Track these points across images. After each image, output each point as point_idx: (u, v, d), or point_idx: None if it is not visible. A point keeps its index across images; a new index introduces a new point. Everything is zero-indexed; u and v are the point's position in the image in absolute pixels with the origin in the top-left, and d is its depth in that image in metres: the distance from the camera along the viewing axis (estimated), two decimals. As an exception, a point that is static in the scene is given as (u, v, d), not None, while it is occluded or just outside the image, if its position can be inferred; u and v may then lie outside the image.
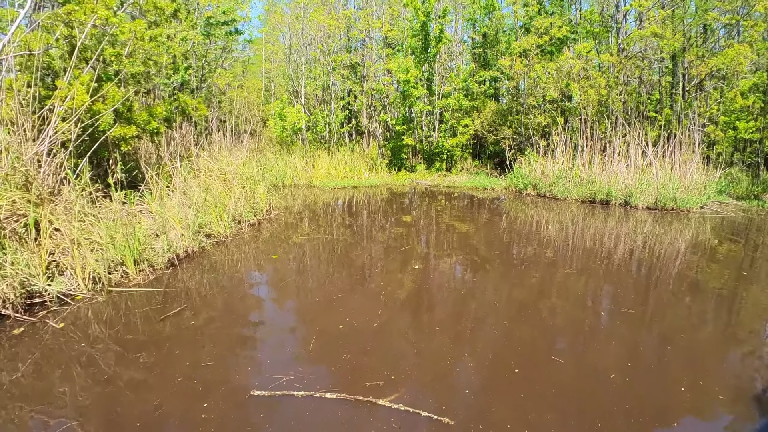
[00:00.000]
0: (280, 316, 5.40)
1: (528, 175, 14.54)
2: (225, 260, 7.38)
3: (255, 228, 9.40)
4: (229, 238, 8.48)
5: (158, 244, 7.32)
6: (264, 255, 7.68)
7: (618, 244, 8.56)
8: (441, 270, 7.05)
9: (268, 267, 7.16)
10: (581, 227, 10.01)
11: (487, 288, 6.23)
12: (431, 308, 5.55)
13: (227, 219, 8.81)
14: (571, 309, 5.54)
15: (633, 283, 6.48)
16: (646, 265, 7.31)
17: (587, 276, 6.74)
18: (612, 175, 13.13)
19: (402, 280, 6.47)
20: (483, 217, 10.98)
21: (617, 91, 16.54)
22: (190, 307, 5.50)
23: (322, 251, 8.01)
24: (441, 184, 16.40)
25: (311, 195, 14.21)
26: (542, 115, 16.74)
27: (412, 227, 9.85)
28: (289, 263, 7.35)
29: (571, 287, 6.28)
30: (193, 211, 8.29)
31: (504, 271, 7.02)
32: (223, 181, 10.28)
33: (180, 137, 11.70)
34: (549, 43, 17.07)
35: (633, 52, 17.14)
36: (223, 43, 20.28)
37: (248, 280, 6.54)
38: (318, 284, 6.38)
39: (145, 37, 10.42)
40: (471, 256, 7.79)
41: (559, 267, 7.13)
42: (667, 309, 5.61)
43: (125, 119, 9.83)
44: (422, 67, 17.96)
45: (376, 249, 8.14)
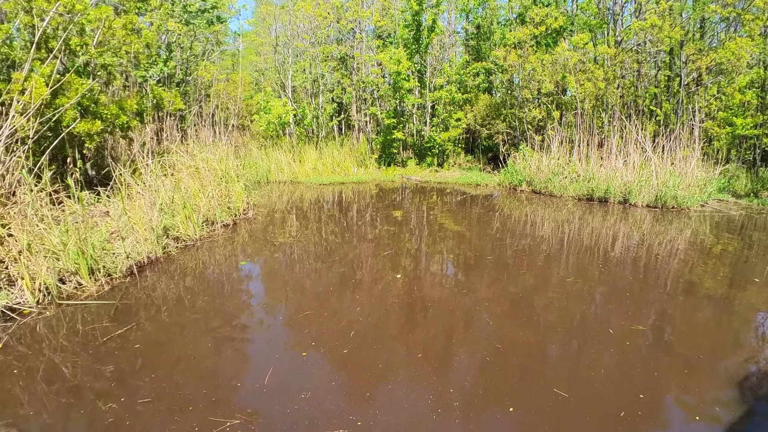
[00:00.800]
0: (236, 339, 4.76)
1: (522, 170, 13.93)
2: (188, 268, 6.74)
3: (229, 229, 8.75)
4: (198, 242, 7.84)
5: (119, 250, 6.70)
6: (232, 261, 7.03)
7: (620, 247, 7.98)
8: (426, 281, 6.42)
9: (232, 276, 6.50)
10: (579, 228, 9.41)
11: (478, 303, 5.62)
12: (412, 329, 4.93)
13: (198, 220, 8.16)
14: (575, 328, 4.93)
15: (640, 293, 5.88)
16: (653, 273, 6.71)
17: (590, 286, 6.12)
18: (610, 171, 12.53)
19: (381, 293, 5.84)
20: (475, 217, 10.37)
21: (615, 84, 15.93)
22: (138, 326, 4.87)
23: (297, 257, 7.38)
24: (432, 179, 15.77)
25: (295, 192, 13.55)
26: (537, 108, 16.12)
27: (399, 229, 9.22)
28: (257, 272, 6.71)
29: (573, 300, 5.67)
30: (159, 212, 7.64)
31: (498, 281, 6.41)
32: (199, 178, 9.64)
33: (152, 132, 11.02)
34: (545, 34, 16.43)
35: (631, 45, 16.53)
36: (212, 35, 19.63)
37: (207, 293, 5.88)
38: (286, 298, 5.74)
39: (113, 26, 9.73)
40: (461, 263, 7.19)
41: (558, 275, 6.53)
42: (682, 325, 5.02)
43: (91, 113, 9.16)
44: (414, 58, 17.29)
45: (357, 254, 7.51)
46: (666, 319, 5.19)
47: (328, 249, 7.80)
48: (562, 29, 17.11)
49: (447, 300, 5.64)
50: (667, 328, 4.96)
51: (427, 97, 17.61)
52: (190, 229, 7.83)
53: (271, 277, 6.51)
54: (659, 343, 4.60)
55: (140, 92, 11.74)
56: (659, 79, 18.08)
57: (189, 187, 9.03)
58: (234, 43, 31.58)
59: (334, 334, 4.66)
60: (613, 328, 4.85)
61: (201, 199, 8.59)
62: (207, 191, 8.79)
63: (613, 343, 4.54)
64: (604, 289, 6.03)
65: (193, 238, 7.82)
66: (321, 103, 19.55)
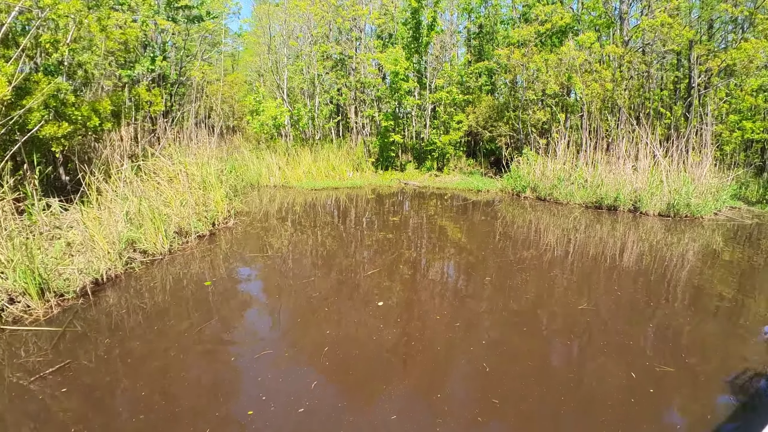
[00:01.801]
0: (181, 386, 4.04)
1: (526, 176, 13.17)
2: (148, 288, 6.01)
3: (204, 241, 8.02)
4: (167, 256, 7.11)
5: (74, 266, 5.99)
6: (197, 281, 6.29)
7: (636, 265, 7.22)
8: (415, 307, 5.70)
9: (195, 298, 5.75)
10: (589, 241, 8.64)
11: (479, 338, 4.89)
12: (388, 380, 4.21)
13: (169, 231, 7.45)
14: (594, 370, 4.20)
15: (667, 325, 5.13)
16: (680, 299, 5.97)
17: (606, 317, 5.36)
18: (620, 177, 11.79)
19: (357, 326, 5.09)
20: (475, 228, 9.63)
21: (623, 86, 15.20)
22: (76, 363, 4.16)
23: (271, 276, 6.63)
24: (431, 185, 15.03)
25: (283, 198, 12.82)
26: (542, 110, 15.37)
27: (391, 242, 8.48)
28: (223, 295, 5.91)
29: (588, 338, 4.93)
30: (125, 222, 6.94)
31: (498, 311, 5.67)
32: (176, 184, 8.95)
33: (133, 134, 10.32)
34: (550, 32, 15.69)
35: (641, 44, 15.81)
36: (209, 35, 19.02)
37: (162, 321, 5.13)
38: (247, 330, 4.99)
39: (83, 21, 9.04)
40: (456, 288, 6.47)
41: (569, 301, 5.77)
42: (720, 362, 4.28)
43: (58, 115, 8.46)
44: (413, 58, 16.55)
45: (341, 273, 6.79)
46: (699, 357, 4.44)
47: (310, 265, 7.07)
48: (568, 28, 16.37)
49: (436, 338, 4.88)
50: (701, 370, 4.22)
51: (426, 99, 16.87)
52: (159, 242, 7.11)
53: (236, 304, 5.72)
54: (694, 388, 3.86)
55: (116, 92, 11.03)
56: (665, 81, 17.35)
57: (165, 194, 8.34)
58: (232, 44, 31.04)
59: (290, 386, 3.92)
60: (637, 371, 4.11)
61: (174, 207, 7.87)
62: (181, 199, 8.08)
63: (637, 391, 3.80)
64: (623, 322, 5.28)
65: (161, 251, 7.10)
66: (317, 105, 18.85)
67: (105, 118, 9.40)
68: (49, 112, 8.34)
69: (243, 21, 31.29)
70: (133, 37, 10.21)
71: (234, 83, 22.49)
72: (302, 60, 18.76)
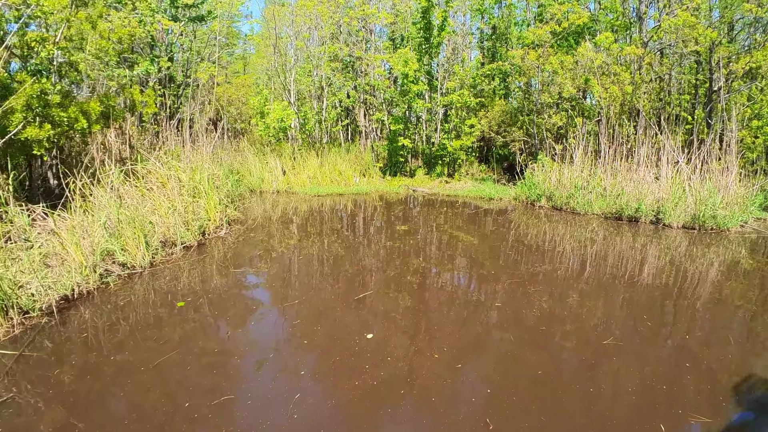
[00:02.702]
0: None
1: (541, 183, 12.46)
2: (118, 307, 5.45)
3: (191, 253, 7.45)
4: (147, 270, 6.55)
5: (45, 280, 5.45)
6: (172, 300, 5.71)
7: (667, 289, 6.53)
8: (404, 345, 5.09)
9: (164, 323, 5.15)
10: (611, 259, 7.92)
11: (488, 381, 4.28)
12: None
13: (153, 242, 6.90)
14: (620, 420, 3.57)
15: (702, 360, 4.47)
16: (719, 332, 5.29)
17: (633, 353, 4.66)
18: (641, 186, 11.08)
19: (338, 368, 4.49)
20: (487, 241, 8.99)
21: (644, 88, 14.49)
22: (20, 398, 3.61)
23: (253, 297, 6.03)
24: (441, 192, 14.37)
25: (284, 205, 12.24)
26: (557, 114, 14.68)
27: (394, 255, 7.86)
28: (193, 321, 5.27)
29: (620, 378, 4.28)
30: (103, 232, 6.41)
31: (512, 349, 5.04)
32: (166, 190, 8.42)
33: (122, 138, 9.82)
34: (566, 32, 15.00)
35: (659, 46, 15.10)
36: (217, 36, 18.59)
37: (121, 349, 4.55)
38: (206, 368, 4.30)
39: (70, 18, 8.56)
40: (464, 317, 5.83)
41: (595, 335, 5.10)
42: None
43: (41, 117, 7.97)
44: (423, 59, 15.94)
45: (333, 294, 6.18)
46: (741, 404, 3.78)
47: (299, 286, 6.46)
48: (585, 29, 15.69)
49: (431, 386, 4.25)
50: (747, 423, 3.56)
51: (437, 102, 16.24)
52: (139, 254, 6.56)
53: (208, 330, 5.10)
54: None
55: (106, 93, 10.53)
56: (683, 84, 16.59)
57: (154, 200, 7.80)
58: (243, 46, 30.67)
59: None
60: (666, 422, 3.47)
61: (158, 215, 7.33)
62: (168, 206, 7.54)
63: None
64: (654, 360, 4.62)
65: (141, 264, 6.54)
66: (325, 107, 18.30)
67: (94, 120, 8.92)
68: (30, 114, 7.87)
69: (250, 22, 30.81)
70: (127, 35, 9.69)
71: (242, 85, 22.00)
72: (310, 62, 18.24)
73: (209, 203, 8.43)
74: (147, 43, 16.43)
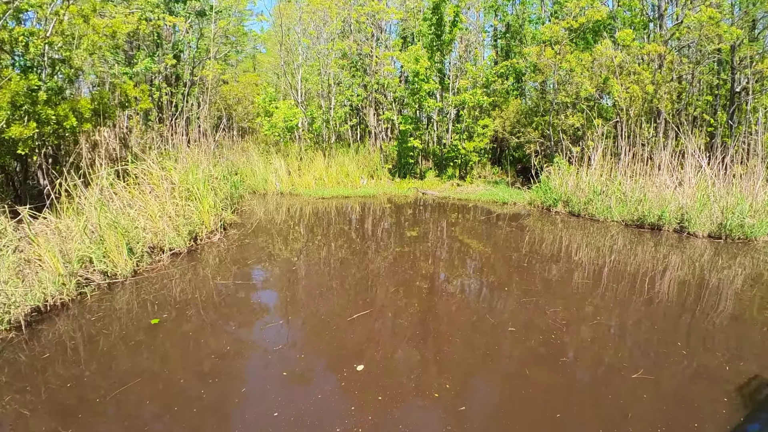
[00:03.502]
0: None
1: (558, 188, 11.80)
2: (89, 322, 4.97)
3: (180, 260, 6.93)
4: (129, 279, 6.04)
5: (18, 291, 4.96)
6: (148, 315, 5.20)
7: (697, 307, 5.91)
8: (400, 379, 4.52)
9: (134, 343, 4.62)
10: (635, 272, 7.25)
11: (499, 418, 3.70)
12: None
13: (137, 248, 6.39)
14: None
15: (746, 396, 3.87)
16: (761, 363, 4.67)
17: (669, 387, 4.08)
18: (663, 191, 10.41)
19: (316, 411, 3.95)
20: (502, 250, 8.40)
21: (665, 88, 13.79)
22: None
23: (235, 315, 5.46)
24: (452, 195, 13.75)
25: (287, 207, 11.72)
26: (575, 115, 14.01)
27: (402, 269, 7.29)
28: (166, 341, 4.72)
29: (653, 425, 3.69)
30: (84, 237, 5.91)
31: (526, 383, 4.45)
32: (159, 192, 7.93)
33: (117, 136, 9.34)
34: (584, 27, 14.31)
35: (682, 43, 14.40)
36: (232, 37, 18.19)
37: (84, 373, 4.05)
38: (173, 400, 3.76)
39: (60, 11, 8.09)
40: (473, 342, 5.25)
41: (622, 367, 4.48)
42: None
43: (26, 114, 7.50)
44: (435, 57, 15.33)
45: (325, 315, 5.62)
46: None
47: (289, 303, 5.91)
48: (602, 26, 14.99)
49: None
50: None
51: (449, 101, 15.62)
52: (122, 261, 6.05)
53: (182, 354, 4.56)
54: None
55: (98, 90, 10.06)
56: (702, 84, 15.84)
57: (146, 203, 7.31)
58: (253, 43, 30.19)
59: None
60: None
61: (144, 219, 6.83)
62: (158, 209, 7.04)
63: None
64: (690, 397, 4.02)
65: (124, 273, 6.04)
66: (333, 106, 17.76)
67: (84, 118, 8.44)
68: (18, 112, 7.42)
69: (258, 19, 30.32)
70: (122, 29, 9.20)
71: (249, 83, 21.52)
72: (318, 59, 17.71)
73: (203, 206, 7.91)
74: (153, 40, 16.03)
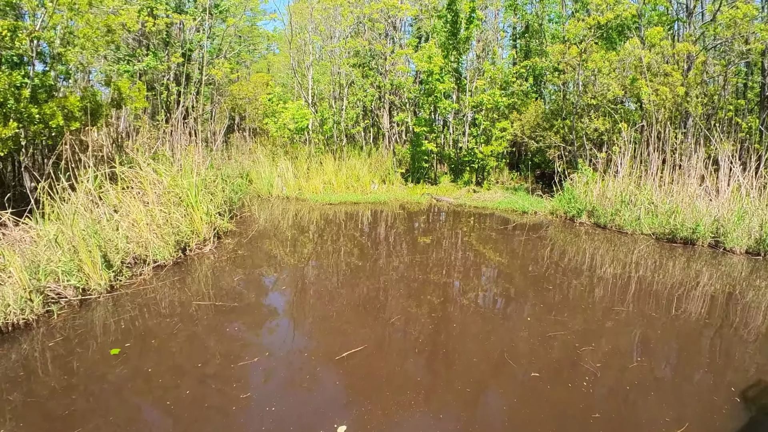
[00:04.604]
0: None
1: (583, 196, 10.95)
2: (48, 348, 4.31)
3: (163, 274, 6.26)
4: (103, 296, 5.40)
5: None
6: (112, 341, 4.53)
7: (752, 343, 5.11)
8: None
9: (87, 378, 3.95)
10: (670, 294, 6.46)
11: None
12: None
13: (115, 259, 5.76)
14: None
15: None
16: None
17: None
18: (695, 202, 9.57)
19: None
20: (524, 271, 7.64)
21: (696, 90, 12.92)
22: None
23: (209, 345, 4.73)
24: (468, 202, 12.94)
25: (290, 214, 11.02)
26: (600, 119, 13.17)
27: (410, 295, 6.57)
28: (124, 376, 4.02)
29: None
30: (51, 248, 5.29)
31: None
32: (149, 197, 7.30)
33: (110, 137, 8.74)
34: (610, 24, 13.43)
35: (712, 43, 13.53)
36: (246, 36, 17.71)
37: (28, 411, 3.41)
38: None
39: (47, 3, 7.52)
40: (490, 389, 4.52)
41: (664, 422, 3.74)
42: None
43: (12, 113, 6.92)
44: (450, 56, 14.57)
45: (311, 348, 4.91)
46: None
47: (275, 329, 5.20)
48: (627, 25, 14.11)
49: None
50: None
51: (466, 103, 14.82)
52: (97, 275, 5.41)
53: (142, 393, 3.86)
54: None
55: (87, 88, 9.46)
56: (732, 88, 14.93)
57: (130, 209, 6.68)
58: (267, 43, 29.72)
59: None
60: None
61: (125, 228, 6.19)
62: (144, 216, 6.40)
63: None
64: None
65: (98, 288, 5.39)
66: (345, 107, 17.08)
67: (74, 117, 7.86)
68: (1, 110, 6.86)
69: (270, 17, 29.77)
70: (114, 21, 8.61)
71: (259, 83, 20.96)
72: (329, 58, 17.08)
73: (195, 213, 7.25)
74: (162, 39, 15.54)
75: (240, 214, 10.18)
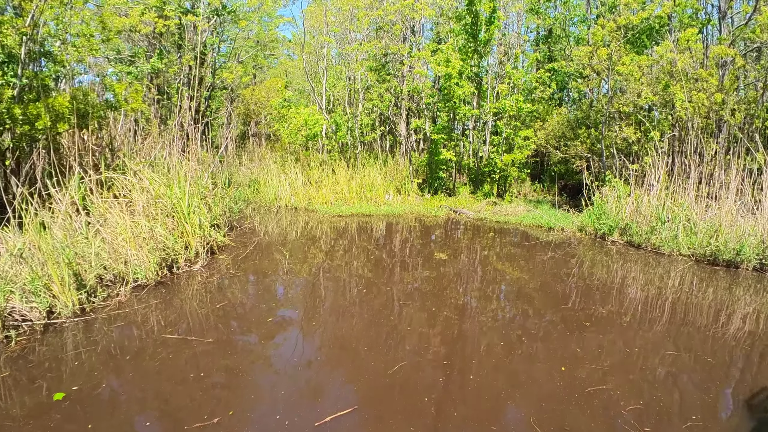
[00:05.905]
0: None
1: (614, 212, 10.06)
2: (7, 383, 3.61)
3: (144, 295, 5.55)
4: (69, 320, 4.71)
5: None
6: (58, 383, 3.78)
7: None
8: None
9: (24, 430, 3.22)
10: (723, 330, 5.62)
11: None
12: None
13: (89, 277, 5.09)
14: None
15: None
16: None
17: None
18: (737, 220, 8.67)
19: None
20: (552, 302, 6.84)
21: (734, 97, 12.00)
22: None
23: (172, 399, 3.89)
24: (489, 216, 12.05)
25: (296, 228, 10.28)
26: (630, 127, 12.28)
27: (413, 328, 5.81)
28: (73, 426, 3.26)
29: None
30: (19, 265, 4.66)
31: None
32: (148, 208, 6.67)
33: (104, 140, 8.12)
34: (640, 28, 12.56)
35: (750, 47, 12.65)
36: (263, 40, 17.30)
37: None
38: None
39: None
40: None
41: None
42: None
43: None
44: (470, 60, 13.79)
45: (294, 405, 4.16)
46: None
47: (259, 379, 4.32)
48: (656, 29, 13.20)
49: None
50: None
51: (487, 109, 14.01)
52: (65, 296, 4.74)
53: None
54: None
55: (78, 88, 8.87)
56: (766, 95, 13.94)
57: (115, 221, 6.03)
58: (285, 46, 29.31)
59: None
60: None
61: (106, 243, 5.54)
62: (129, 229, 5.74)
63: None
64: None
65: (65, 311, 4.72)
66: (359, 113, 16.40)
67: (61, 119, 7.26)
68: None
69: (283, 20, 29.21)
70: (111, 19, 8.03)
71: (272, 88, 20.41)
72: (344, 62, 16.46)
73: (187, 226, 6.56)
74: (174, 41, 15.11)
75: (240, 226, 9.48)
